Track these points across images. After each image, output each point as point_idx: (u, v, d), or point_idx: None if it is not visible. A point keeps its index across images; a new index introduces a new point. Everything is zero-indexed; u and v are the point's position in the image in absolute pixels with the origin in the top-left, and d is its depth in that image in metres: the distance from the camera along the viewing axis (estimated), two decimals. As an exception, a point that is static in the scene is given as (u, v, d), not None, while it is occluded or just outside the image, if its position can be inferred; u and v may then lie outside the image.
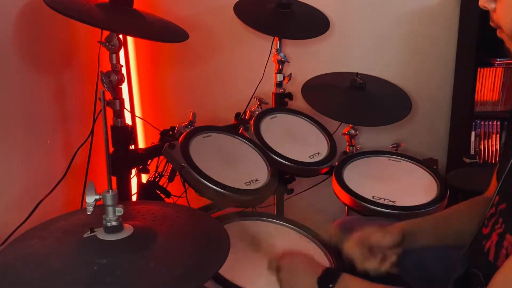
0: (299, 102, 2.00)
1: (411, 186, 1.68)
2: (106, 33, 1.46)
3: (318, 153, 1.74)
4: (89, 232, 0.89)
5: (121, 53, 1.81)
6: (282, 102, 2.03)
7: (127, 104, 2.08)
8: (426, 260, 1.27)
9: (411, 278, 1.26)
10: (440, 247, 1.27)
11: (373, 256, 1.13)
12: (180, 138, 1.50)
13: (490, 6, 0.92)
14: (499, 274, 0.86)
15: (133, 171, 1.62)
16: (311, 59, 2.30)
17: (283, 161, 1.64)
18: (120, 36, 1.49)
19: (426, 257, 1.27)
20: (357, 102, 1.88)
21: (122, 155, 1.53)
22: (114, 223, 0.88)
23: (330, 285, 0.97)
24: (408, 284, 1.26)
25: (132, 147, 1.60)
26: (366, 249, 1.12)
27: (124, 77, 1.51)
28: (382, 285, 0.97)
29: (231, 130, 1.69)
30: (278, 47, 1.99)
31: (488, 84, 2.13)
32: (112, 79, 1.47)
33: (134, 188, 1.71)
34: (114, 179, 1.51)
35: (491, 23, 0.96)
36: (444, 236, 1.19)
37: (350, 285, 0.99)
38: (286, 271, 1.04)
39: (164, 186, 1.63)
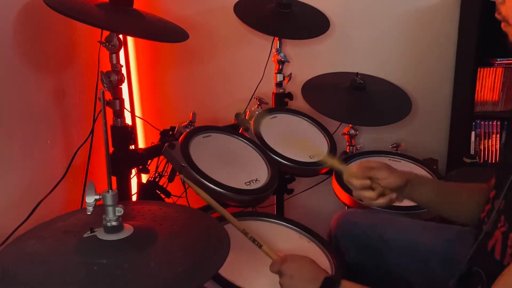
0: (299, 102, 2.00)
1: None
2: (106, 33, 1.46)
3: (318, 153, 1.74)
4: (89, 232, 0.89)
5: (121, 53, 1.81)
6: (282, 102, 2.03)
7: (127, 104, 2.07)
8: (428, 259, 1.27)
9: (413, 277, 1.26)
10: (444, 245, 1.27)
11: (371, 188, 1.12)
12: (180, 138, 1.50)
13: None
14: (506, 274, 0.86)
15: (133, 171, 1.62)
16: (311, 59, 2.30)
17: (283, 161, 1.64)
18: (120, 36, 1.49)
19: (429, 256, 1.27)
20: (357, 102, 1.88)
21: (122, 155, 1.53)
22: (114, 223, 0.88)
23: None
24: (411, 284, 1.26)
25: (132, 147, 1.60)
26: (367, 180, 1.12)
27: (124, 77, 1.52)
28: None
29: (231, 130, 1.69)
30: (278, 47, 1.99)
31: (488, 84, 2.12)
32: (112, 79, 1.47)
33: (134, 188, 1.71)
34: (114, 179, 1.51)
35: (497, 16, 0.94)
36: (442, 202, 1.20)
37: None
38: (288, 277, 1.03)
39: (164, 186, 1.63)
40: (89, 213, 0.89)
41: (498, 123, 2.18)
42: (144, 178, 1.69)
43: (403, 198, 1.17)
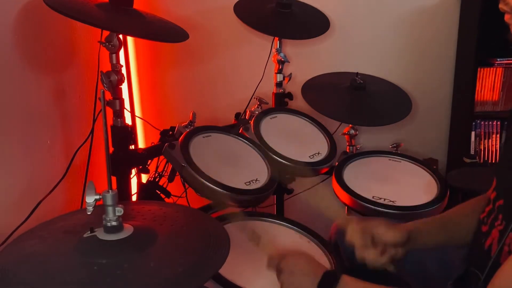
0: (299, 102, 2.00)
1: (411, 186, 1.69)
2: (106, 33, 1.46)
3: (318, 153, 1.74)
4: (89, 232, 0.89)
5: (121, 53, 1.81)
6: (282, 102, 2.03)
7: (127, 104, 2.08)
8: (426, 260, 1.27)
9: (411, 278, 1.26)
10: (440, 247, 1.27)
11: (373, 247, 1.12)
12: (180, 138, 1.50)
13: None
14: (502, 270, 0.86)
15: (133, 171, 1.62)
16: (311, 59, 2.30)
17: (283, 161, 1.64)
18: (120, 36, 1.49)
19: (426, 257, 1.27)
20: (357, 102, 1.88)
21: (122, 155, 1.53)
22: (114, 223, 0.88)
23: None
24: (408, 284, 1.26)
25: (132, 147, 1.60)
26: (368, 238, 1.11)
27: (124, 77, 1.52)
28: (381, 286, 0.97)
29: (231, 130, 1.69)
30: (278, 47, 1.99)
31: (488, 84, 2.13)
32: (112, 79, 1.47)
33: (134, 188, 1.71)
34: (114, 179, 1.51)
35: (501, 7, 0.93)
36: (451, 237, 1.18)
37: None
38: (287, 273, 1.03)
39: (164, 186, 1.63)
40: (89, 213, 0.89)
41: (498, 123, 2.18)
42: (144, 178, 1.69)
43: (406, 252, 1.14)
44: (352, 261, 1.31)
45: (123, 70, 1.53)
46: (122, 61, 1.73)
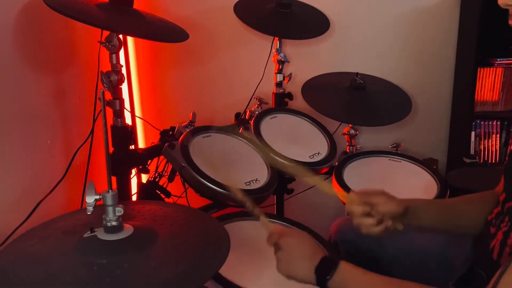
0: (299, 102, 2.00)
1: (411, 186, 1.68)
2: (106, 33, 1.46)
3: (318, 153, 1.74)
4: (89, 232, 0.89)
5: (121, 53, 1.81)
6: (282, 102, 2.03)
7: (127, 104, 2.08)
8: (426, 261, 1.27)
9: (412, 278, 1.26)
10: (441, 247, 1.27)
11: (371, 216, 1.11)
12: (180, 138, 1.50)
13: None
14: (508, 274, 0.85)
15: (133, 171, 1.62)
16: (311, 59, 2.30)
17: (283, 161, 1.64)
18: (120, 36, 1.49)
19: (426, 258, 1.27)
20: (357, 102, 1.88)
21: (122, 155, 1.53)
22: (114, 223, 0.88)
23: (327, 277, 0.95)
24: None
25: (132, 147, 1.60)
26: (367, 208, 1.11)
27: (124, 77, 1.52)
28: (377, 275, 0.96)
29: (231, 130, 1.69)
30: (278, 47, 1.99)
31: (488, 84, 2.13)
32: (112, 79, 1.47)
33: (134, 188, 1.71)
34: (114, 179, 1.51)
35: (507, 2, 0.93)
36: (448, 221, 1.18)
37: (347, 276, 0.97)
38: (285, 251, 1.01)
39: (164, 186, 1.63)
40: (89, 213, 0.89)
41: (498, 123, 2.18)
42: (144, 178, 1.69)
43: (402, 226, 1.14)
44: (352, 260, 1.31)
45: (123, 70, 1.53)
46: (122, 61, 1.73)
